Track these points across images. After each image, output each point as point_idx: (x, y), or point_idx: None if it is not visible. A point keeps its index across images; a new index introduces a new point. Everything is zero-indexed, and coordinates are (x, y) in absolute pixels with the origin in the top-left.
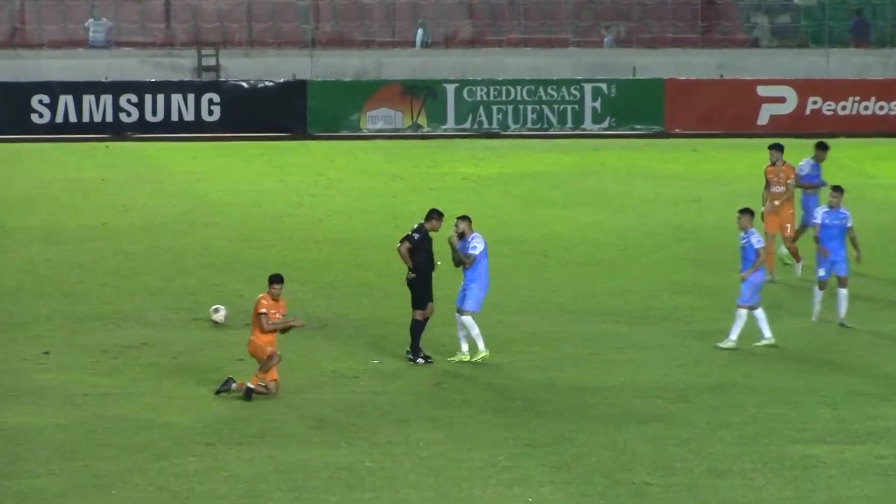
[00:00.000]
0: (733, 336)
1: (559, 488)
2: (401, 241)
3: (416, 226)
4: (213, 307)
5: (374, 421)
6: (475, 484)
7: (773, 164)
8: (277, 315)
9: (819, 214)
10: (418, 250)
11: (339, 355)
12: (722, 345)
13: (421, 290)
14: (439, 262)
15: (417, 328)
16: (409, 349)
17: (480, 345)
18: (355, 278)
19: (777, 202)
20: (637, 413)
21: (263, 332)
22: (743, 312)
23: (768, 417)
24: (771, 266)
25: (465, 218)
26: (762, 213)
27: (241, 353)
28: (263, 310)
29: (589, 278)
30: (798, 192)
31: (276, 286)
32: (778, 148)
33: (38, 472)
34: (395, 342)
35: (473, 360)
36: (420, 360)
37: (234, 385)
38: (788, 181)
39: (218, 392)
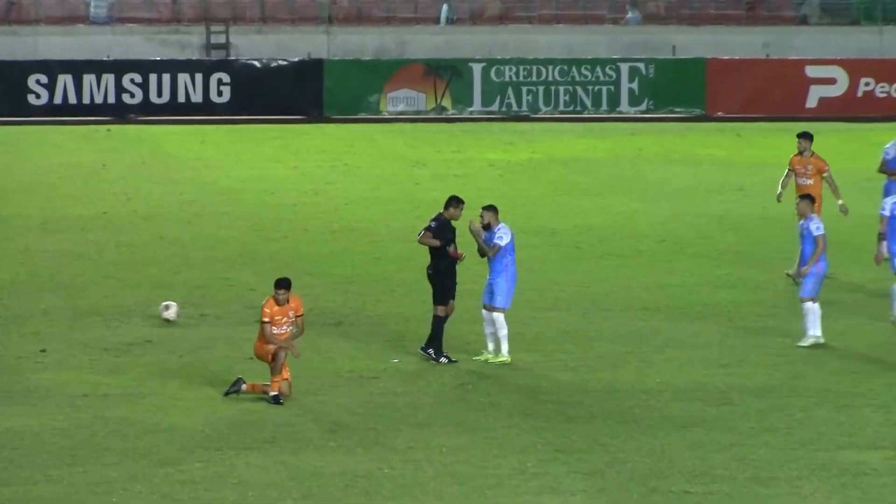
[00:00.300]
0: (813, 331)
1: (592, 497)
2: (419, 233)
3: (434, 215)
4: (164, 304)
5: (394, 425)
6: (502, 492)
7: (801, 153)
8: (284, 321)
9: (889, 205)
10: (439, 240)
11: (357, 354)
12: (803, 343)
13: (444, 283)
14: (464, 254)
15: (439, 325)
16: (425, 347)
17: (504, 348)
18: (374, 272)
19: (840, 200)
20: (676, 417)
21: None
22: (812, 306)
23: (816, 421)
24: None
25: (490, 208)
26: (778, 196)
27: (252, 351)
28: (266, 318)
29: (625, 272)
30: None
31: (280, 292)
32: (807, 137)
33: (35, 478)
34: (416, 340)
35: (492, 361)
36: (443, 360)
37: (244, 386)
38: (824, 174)
39: (227, 393)
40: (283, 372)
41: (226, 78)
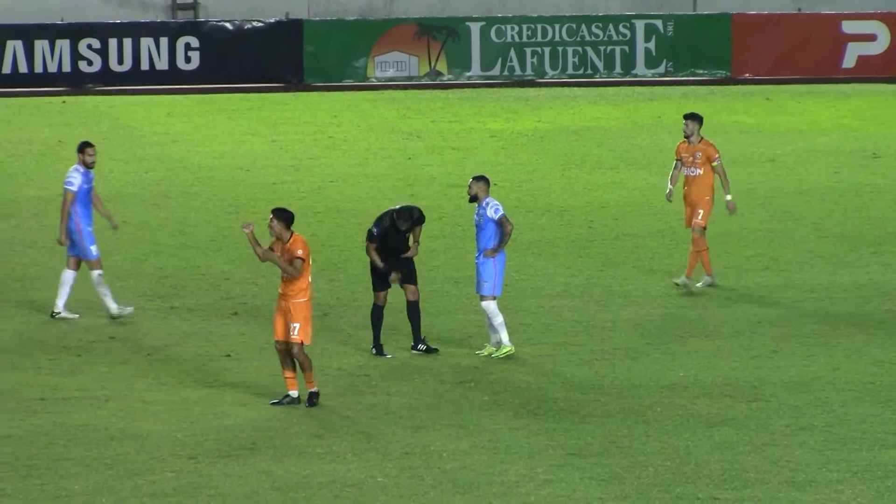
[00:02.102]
0: None
1: None
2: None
3: (379, 216)
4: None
5: (388, 428)
6: (509, 501)
7: (688, 139)
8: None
9: None
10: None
11: (345, 350)
12: None
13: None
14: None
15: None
16: (414, 345)
17: (504, 337)
18: (363, 257)
19: (728, 196)
20: (702, 415)
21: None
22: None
23: (858, 418)
24: (708, 266)
25: (480, 179)
26: (668, 193)
27: (230, 347)
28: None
29: (643, 253)
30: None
31: (270, 217)
32: (695, 119)
33: None
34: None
35: (496, 355)
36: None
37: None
38: (714, 163)
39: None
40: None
41: (194, 42)
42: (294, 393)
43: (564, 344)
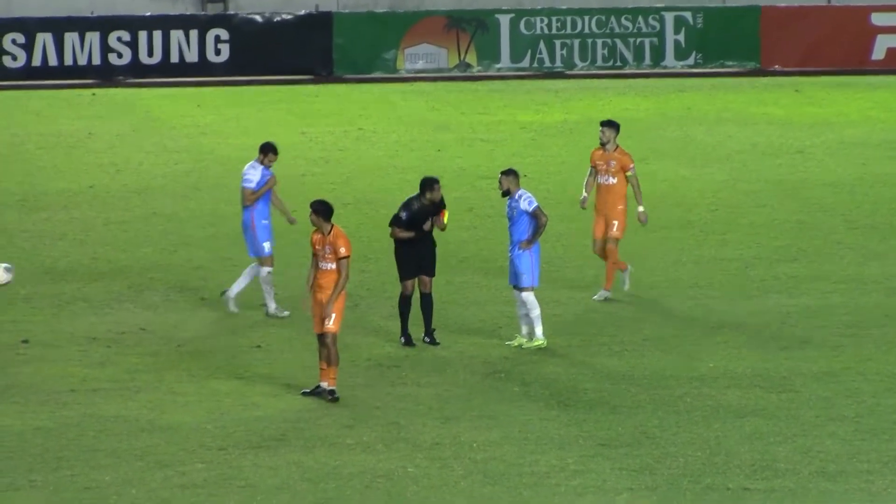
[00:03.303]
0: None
1: (640, 495)
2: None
3: (405, 201)
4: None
5: (419, 419)
6: (540, 492)
7: (603, 146)
8: (327, 256)
9: None
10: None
11: (375, 340)
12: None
13: (402, 258)
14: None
15: (399, 304)
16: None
17: (538, 330)
18: (392, 248)
19: (641, 207)
20: (732, 405)
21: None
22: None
23: (888, 409)
24: (610, 281)
25: (510, 172)
26: (583, 201)
27: (260, 338)
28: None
29: (673, 245)
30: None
31: (310, 212)
32: (612, 126)
33: (18, 483)
34: (442, 324)
35: (527, 346)
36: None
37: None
38: (628, 172)
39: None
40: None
41: (224, 35)
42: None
43: (594, 335)
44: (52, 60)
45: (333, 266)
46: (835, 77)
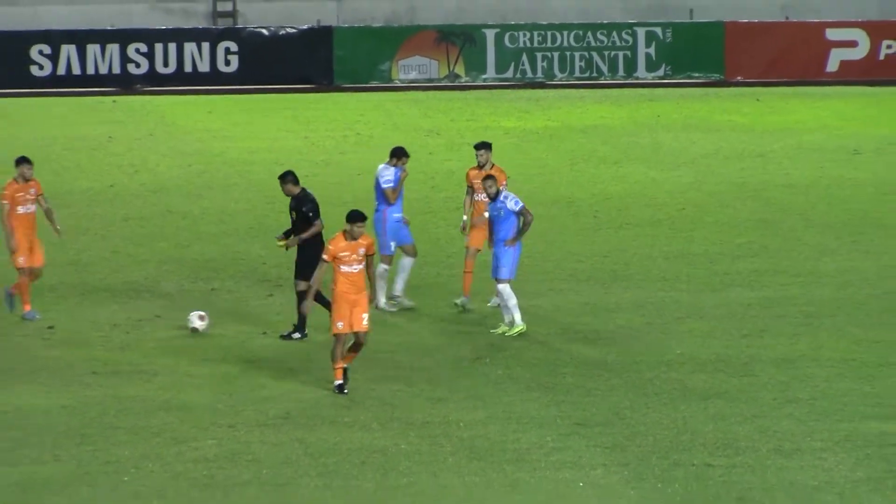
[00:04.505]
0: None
1: (613, 471)
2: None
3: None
4: (195, 315)
5: (410, 400)
6: (522, 467)
7: (480, 167)
8: (353, 259)
9: None
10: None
11: (371, 328)
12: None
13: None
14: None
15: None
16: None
17: (517, 316)
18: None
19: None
20: (697, 388)
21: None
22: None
23: (840, 392)
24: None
25: (491, 177)
26: (463, 225)
27: (266, 325)
28: (326, 256)
29: (644, 241)
30: None
31: (359, 224)
32: (487, 147)
33: (43, 458)
34: (431, 312)
35: (509, 333)
36: (295, 336)
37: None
38: (500, 187)
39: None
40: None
41: (233, 47)
42: (339, 381)
43: (572, 324)
44: (76, 70)
45: (362, 266)
46: (793, 87)
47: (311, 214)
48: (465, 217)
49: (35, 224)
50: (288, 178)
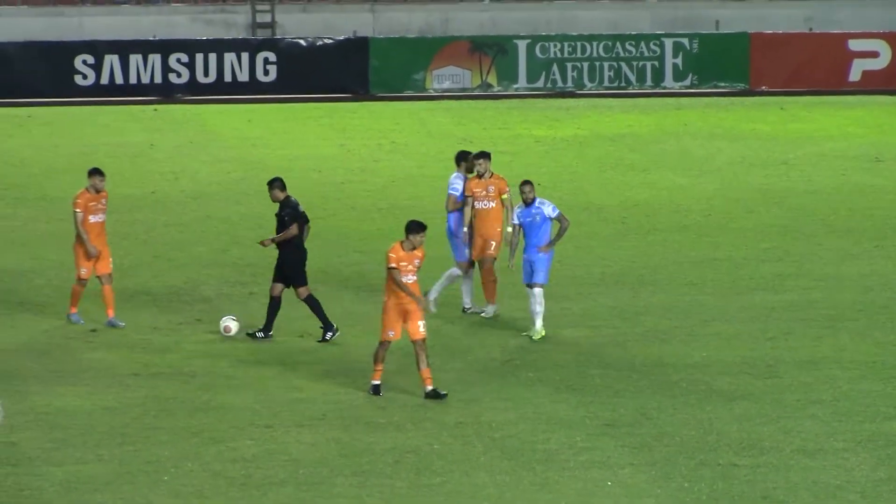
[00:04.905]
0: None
1: (640, 470)
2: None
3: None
4: (227, 320)
5: (443, 401)
6: (551, 467)
7: (480, 176)
8: (410, 269)
9: None
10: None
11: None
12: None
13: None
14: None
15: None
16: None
17: (539, 323)
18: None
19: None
20: (723, 390)
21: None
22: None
23: (862, 394)
24: (493, 296)
25: (529, 182)
26: (464, 234)
27: (302, 328)
28: (392, 263)
29: (671, 247)
30: None
31: (420, 235)
32: (487, 157)
33: (86, 457)
34: (464, 317)
35: (535, 338)
36: (259, 335)
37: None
38: (503, 196)
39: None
40: (416, 333)
41: (272, 57)
42: (376, 382)
43: (600, 327)
44: (119, 79)
45: (414, 279)
46: (816, 97)
47: (286, 219)
48: (464, 229)
49: (105, 232)
50: (275, 184)
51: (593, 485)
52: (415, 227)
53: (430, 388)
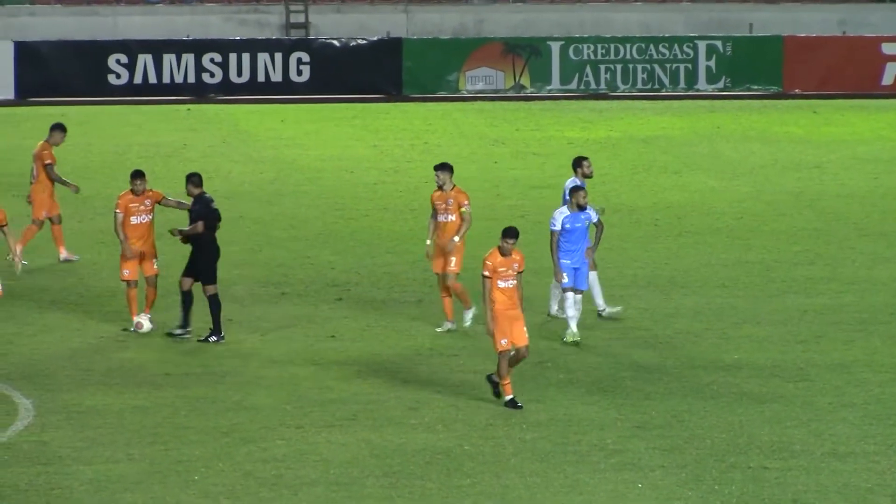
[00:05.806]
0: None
1: (671, 472)
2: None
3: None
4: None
5: (474, 402)
6: (582, 469)
7: (441, 188)
8: (509, 273)
9: None
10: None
11: (439, 332)
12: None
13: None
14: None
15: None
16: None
17: (574, 326)
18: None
19: (456, 237)
20: (754, 393)
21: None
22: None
23: (893, 397)
24: (467, 300)
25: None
26: (427, 250)
27: (334, 329)
28: (487, 272)
29: (703, 249)
30: None
31: (510, 241)
32: (446, 168)
33: (117, 457)
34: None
35: (569, 341)
36: (178, 332)
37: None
38: (463, 209)
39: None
40: (518, 340)
41: (305, 57)
42: (510, 396)
43: (632, 329)
44: (152, 79)
45: (516, 282)
46: (849, 100)
47: (193, 216)
48: (427, 241)
49: (149, 234)
50: (191, 179)
51: (624, 487)
52: (505, 233)
53: (510, 396)
